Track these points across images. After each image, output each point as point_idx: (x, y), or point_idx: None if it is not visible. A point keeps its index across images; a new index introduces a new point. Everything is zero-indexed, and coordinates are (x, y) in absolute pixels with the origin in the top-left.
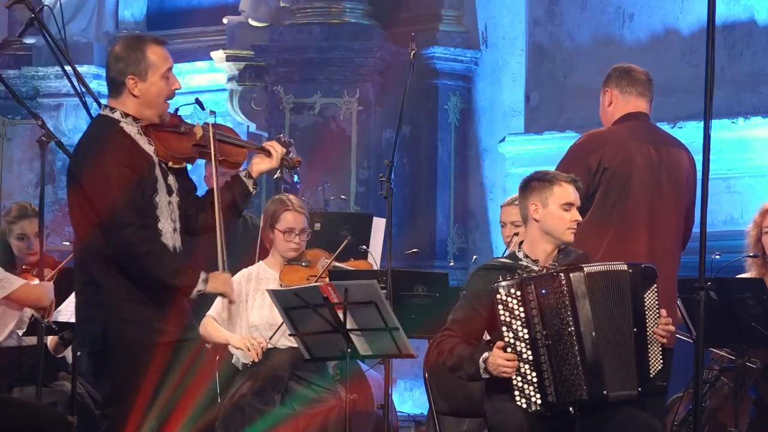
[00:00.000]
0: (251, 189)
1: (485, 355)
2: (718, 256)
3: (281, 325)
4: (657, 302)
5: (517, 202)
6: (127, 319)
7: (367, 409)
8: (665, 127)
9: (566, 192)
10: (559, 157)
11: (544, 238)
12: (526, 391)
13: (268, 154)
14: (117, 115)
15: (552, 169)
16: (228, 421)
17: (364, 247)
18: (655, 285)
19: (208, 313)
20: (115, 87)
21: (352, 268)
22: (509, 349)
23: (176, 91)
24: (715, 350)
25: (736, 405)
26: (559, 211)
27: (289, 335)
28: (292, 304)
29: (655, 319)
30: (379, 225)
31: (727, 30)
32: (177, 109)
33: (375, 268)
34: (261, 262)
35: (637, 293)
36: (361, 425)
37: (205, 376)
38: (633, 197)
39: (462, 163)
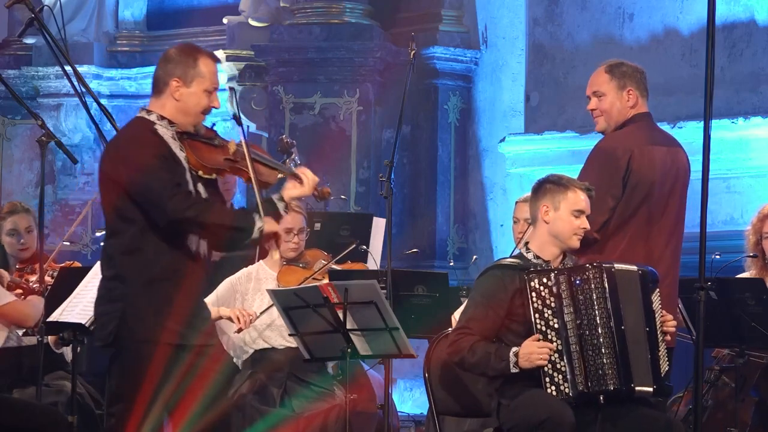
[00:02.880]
0: (282, 212)
1: (515, 349)
2: (718, 256)
3: (270, 306)
4: (660, 305)
5: None
6: (141, 316)
7: (368, 410)
8: (665, 127)
9: (579, 199)
10: (560, 157)
11: (552, 241)
12: (556, 379)
13: (300, 181)
14: (153, 118)
15: (552, 169)
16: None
17: (364, 247)
18: (658, 288)
19: None
20: (159, 86)
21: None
22: (540, 337)
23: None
24: (718, 349)
25: (737, 405)
26: (568, 217)
27: (289, 335)
28: (292, 304)
29: (660, 321)
30: (379, 225)
31: (727, 30)
32: (213, 124)
33: (375, 268)
34: (260, 261)
35: (647, 295)
36: (362, 425)
37: (211, 376)
38: (655, 201)
39: (462, 163)
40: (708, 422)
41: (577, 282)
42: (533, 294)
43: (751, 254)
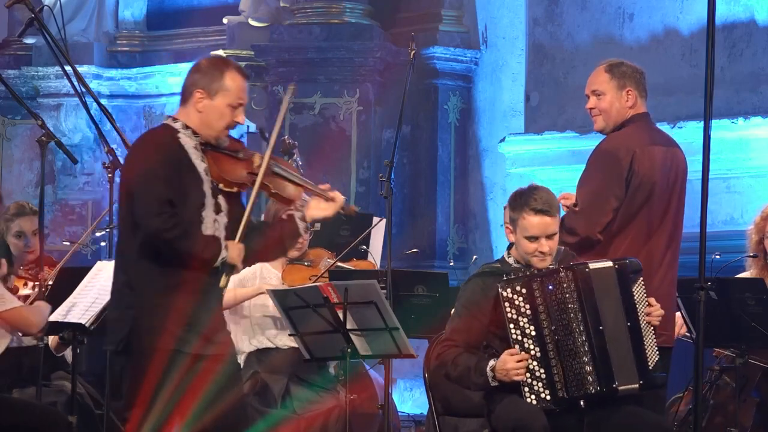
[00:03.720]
0: (301, 231)
1: (492, 363)
2: (718, 256)
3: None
4: (644, 295)
5: None
6: (153, 325)
7: (369, 410)
8: (665, 126)
9: (530, 225)
10: (560, 157)
11: (521, 257)
12: (535, 388)
13: (327, 200)
14: (178, 126)
15: (552, 169)
16: None
17: (364, 246)
18: (641, 278)
19: None
20: (184, 95)
21: (354, 268)
22: (517, 347)
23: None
24: (718, 350)
25: (738, 406)
26: (524, 241)
27: (289, 335)
28: (292, 304)
29: (644, 311)
30: (379, 225)
31: (727, 30)
32: (241, 136)
33: (375, 268)
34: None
35: (628, 288)
36: (364, 426)
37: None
38: (656, 201)
39: (462, 163)
40: (708, 423)
41: (550, 287)
42: (506, 304)
43: (751, 254)
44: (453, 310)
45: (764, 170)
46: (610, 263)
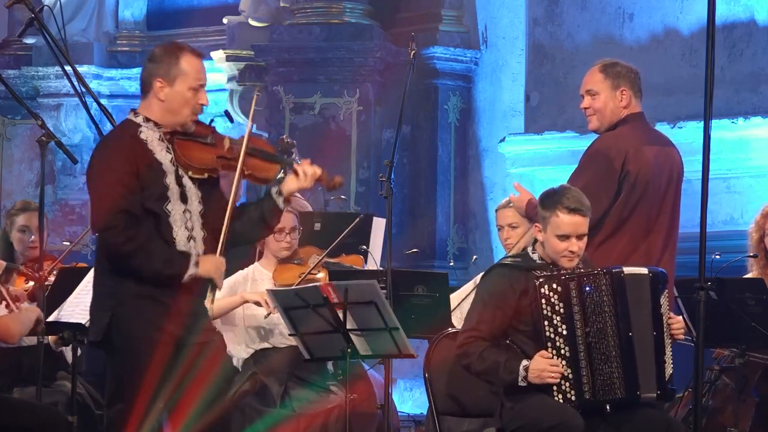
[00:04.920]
0: (281, 206)
1: (525, 363)
2: (718, 256)
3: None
4: (668, 307)
5: (511, 204)
6: (132, 313)
7: (368, 410)
8: (665, 126)
9: (562, 223)
10: (560, 157)
11: (550, 258)
12: (563, 387)
13: (296, 174)
14: (139, 120)
15: (552, 169)
16: None
17: (364, 246)
18: (667, 290)
19: None
20: (144, 87)
21: (347, 265)
22: (549, 344)
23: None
24: (718, 349)
25: (737, 405)
26: (554, 240)
27: (289, 335)
28: (292, 304)
29: (668, 323)
30: (379, 225)
31: (727, 30)
32: (212, 120)
33: (375, 267)
34: (256, 263)
35: (657, 298)
36: (363, 426)
37: (210, 374)
38: (650, 201)
39: (462, 163)
40: (708, 423)
41: (587, 289)
42: (543, 300)
43: (751, 254)
44: (475, 298)
45: (764, 170)
46: (645, 270)
